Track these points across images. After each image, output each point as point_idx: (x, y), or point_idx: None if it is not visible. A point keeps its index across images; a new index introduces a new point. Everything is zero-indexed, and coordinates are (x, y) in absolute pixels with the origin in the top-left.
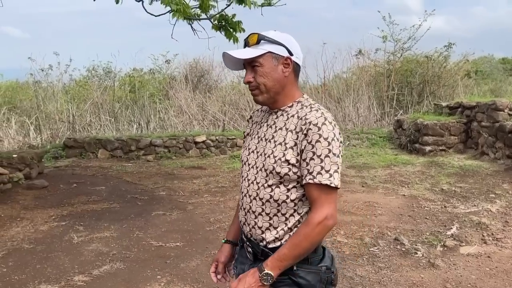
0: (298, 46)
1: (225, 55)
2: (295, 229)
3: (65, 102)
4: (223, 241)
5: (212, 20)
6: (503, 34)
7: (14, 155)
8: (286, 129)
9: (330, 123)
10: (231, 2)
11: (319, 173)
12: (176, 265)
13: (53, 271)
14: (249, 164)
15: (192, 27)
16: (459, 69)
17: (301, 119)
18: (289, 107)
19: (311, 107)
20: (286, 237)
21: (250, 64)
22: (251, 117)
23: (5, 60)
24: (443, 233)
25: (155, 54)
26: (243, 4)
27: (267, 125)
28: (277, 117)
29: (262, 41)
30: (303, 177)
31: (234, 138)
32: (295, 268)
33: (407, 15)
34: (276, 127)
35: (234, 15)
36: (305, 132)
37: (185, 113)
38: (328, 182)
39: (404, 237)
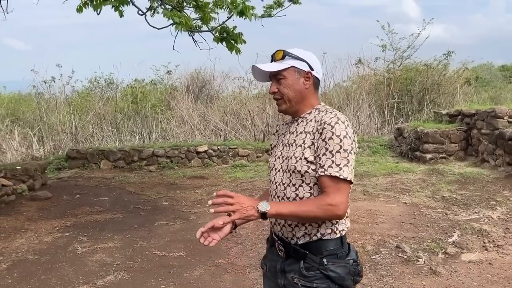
0: (318, 63)
1: (254, 68)
2: (323, 224)
3: (68, 113)
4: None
5: (213, 32)
6: (502, 41)
7: (18, 167)
8: (305, 132)
9: (343, 122)
10: (232, 15)
11: (330, 166)
12: (180, 275)
13: (58, 281)
14: (275, 169)
15: (193, 38)
16: (459, 77)
17: (317, 121)
18: (308, 114)
19: (326, 111)
20: (314, 231)
21: (275, 77)
22: (277, 131)
23: (8, 72)
24: (444, 240)
25: (156, 65)
26: (244, 17)
27: (290, 132)
28: (298, 124)
29: (286, 56)
30: (316, 171)
31: (235, 148)
32: (325, 262)
33: (406, 23)
34: (297, 132)
35: (235, 27)
36: (320, 131)
37: (187, 123)
38: (337, 174)
39: (405, 244)
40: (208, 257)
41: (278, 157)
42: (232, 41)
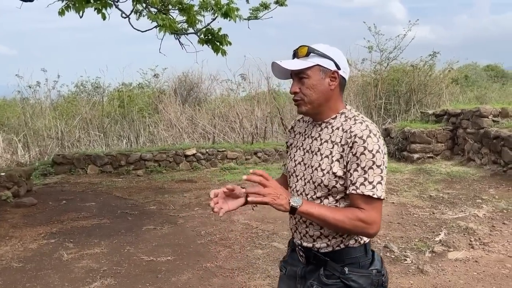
0: (346, 61)
1: (273, 65)
2: (347, 236)
3: (53, 118)
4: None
5: (198, 34)
6: (486, 42)
7: (2, 174)
8: (332, 141)
9: (375, 135)
10: (217, 17)
11: (362, 184)
12: (167, 279)
13: None
14: (296, 176)
15: (180, 41)
16: (445, 77)
17: (346, 132)
18: (332, 119)
19: (355, 119)
20: (338, 242)
21: (297, 75)
22: (292, 127)
23: None
24: (431, 239)
25: (144, 68)
26: (228, 18)
27: (312, 137)
28: (321, 129)
29: (311, 53)
30: (347, 188)
31: (224, 151)
32: (347, 272)
33: (393, 25)
34: (321, 139)
35: (220, 29)
36: (350, 145)
37: (175, 126)
38: (370, 193)
39: (393, 244)
40: (196, 261)
41: (299, 163)
42: (217, 43)
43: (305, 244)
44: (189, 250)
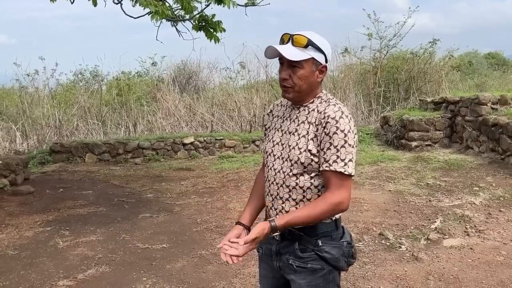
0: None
1: (270, 47)
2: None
3: (52, 107)
4: (236, 222)
5: (192, 21)
6: (487, 29)
7: None
8: (308, 122)
9: (347, 116)
10: (210, 3)
11: (334, 161)
12: (162, 267)
13: (38, 276)
14: (274, 155)
15: (176, 28)
16: (445, 65)
17: (320, 113)
18: (310, 103)
19: (329, 102)
20: None
21: (290, 63)
22: (271, 111)
23: None
24: (427, 226)
25: (142, 56)
26: (222, 4)
27: (290, 119)
28: (299, 112)
29: (309, 46)
30: (320, 165)
31: (222, 139)
32: (320, 244)
33: (393, 12)
34: (298, 121)
35: (213, 15)
36: (324, 125)
37: (173, 115)
38: (342, 170)
39: (389, 232)
40: (191, 249)
41: (277, 144)
42: (211, 30)
43: None
44: (185, 237)
